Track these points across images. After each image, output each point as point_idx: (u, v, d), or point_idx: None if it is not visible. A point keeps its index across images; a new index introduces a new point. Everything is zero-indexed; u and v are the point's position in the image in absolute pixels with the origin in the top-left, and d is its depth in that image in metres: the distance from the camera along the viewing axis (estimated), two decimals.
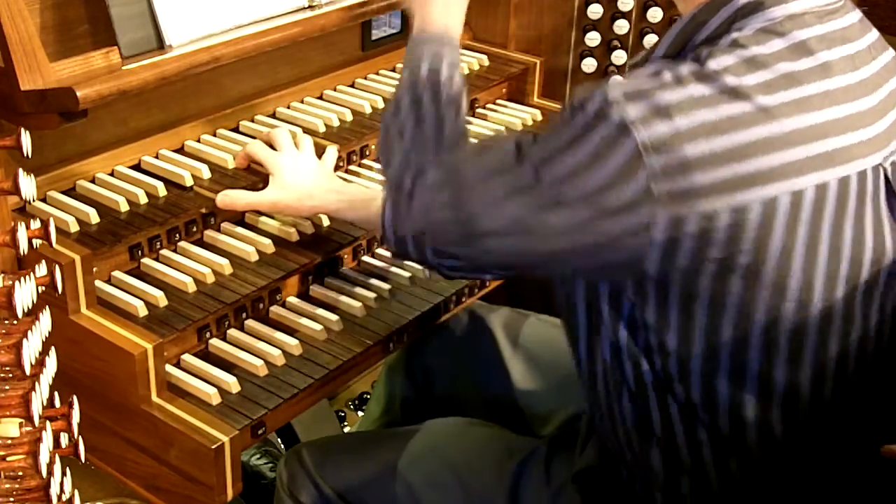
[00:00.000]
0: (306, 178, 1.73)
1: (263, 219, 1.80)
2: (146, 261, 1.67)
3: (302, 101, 2.07)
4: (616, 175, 1.18)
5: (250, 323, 1.67)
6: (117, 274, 1.63)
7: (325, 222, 1.81)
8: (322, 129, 1.98)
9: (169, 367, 1.56)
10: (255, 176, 1.80)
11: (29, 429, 1.11)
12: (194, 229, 1.73)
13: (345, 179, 1.94)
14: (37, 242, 1.17)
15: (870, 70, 1.28)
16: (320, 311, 1.70)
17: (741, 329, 1.25)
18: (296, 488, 1.72)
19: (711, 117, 1.17)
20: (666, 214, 1.18)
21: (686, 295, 1.24)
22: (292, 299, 1.74)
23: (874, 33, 1.34)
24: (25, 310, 1.09)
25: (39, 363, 1.14)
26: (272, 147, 1.80)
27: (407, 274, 1.81)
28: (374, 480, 1.68)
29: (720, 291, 1.23)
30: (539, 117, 2.29)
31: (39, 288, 1.16)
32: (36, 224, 1.16)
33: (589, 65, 2.44)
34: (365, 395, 2.69)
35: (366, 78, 2.19)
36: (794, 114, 1.19)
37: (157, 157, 1.83)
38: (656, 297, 1.27)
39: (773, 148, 1.17)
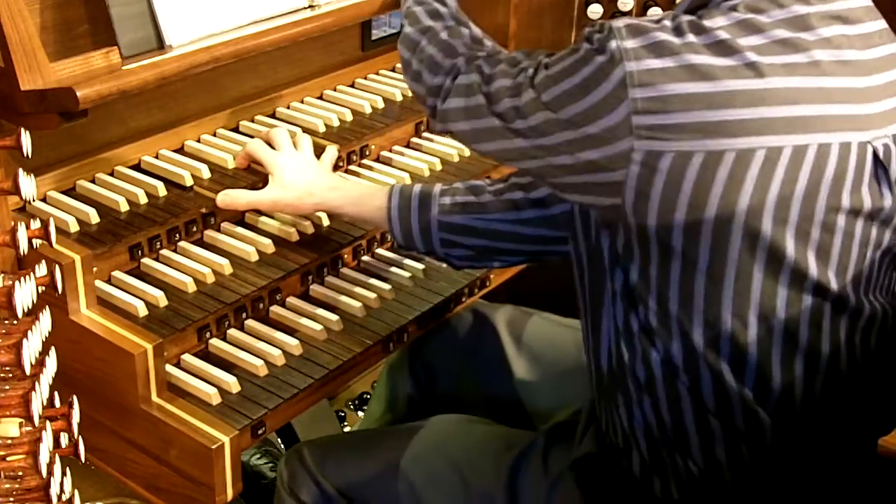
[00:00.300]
0: (306, 177, 1.74)
1: (263, 219, 1.80)
2: (146, 261, 1.67)
3: (302, 101, 2.07)
4: (601, 103, 1.25)
5: (250, 323, 1.67)
6: (117, 274, 1.63)
7: (325, 222, 1.81)
8: (322, 129, 1.98)
9: (169, 367, 1.56)
10: (254, 176, 1.80)
11: (29, 429, 1.11)
12: (194, 229, 1.73)
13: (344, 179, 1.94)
14: (37, 242, 1.17)
15: (874, 53, 1.29)
16: (320, 311, 1.70)
17: (717, 286, 1.27)
18: (297, 487, 1.73)
19: (698, 62, 1.22)
20: (643, 147, 1.23)
21: (663, 249, 1.28)
22: (292, 299, 1.74)
23: (882, 22, 1.34)
24: (25, 310, 1.09)
25: (39, 363, 1.14)
26: (271, 146, 1.80)
27: (407, 274, 1.81)
28: (375, 478, 1.68)
29: (691, 246, 1.26)
30: None
31: (39, 288, 1.16)
32: (36, 224, 1.16)
33: None
34: (365, 395, 2.69)
35: (366, 78, 2.19)
36: (779, 74, 1.23)
37: (157, 157, 1.83)
38: (640, 253, 1.31)
39: (753, 103, 1.21)
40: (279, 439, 2.46)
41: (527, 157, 1.38)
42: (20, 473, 1.11)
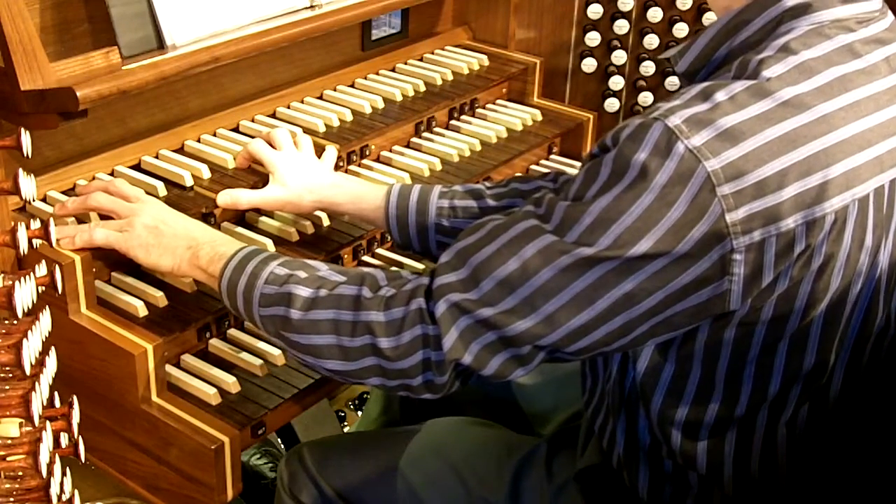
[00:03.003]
0: (306, 175, 1.73)
1: (263, 218, 1.80)
2: None
3: (302, 101, 2.07)
4: (688, 214, 1.12)
5: (250, 323, 1.67)
6: (117, 274, 1.63)
7: (326, 222, 1.81)
8: (322, 129, 1.98)
9: (169, 367, 1.56)
10: (255, 175, 1.80)
11: (29, 429, 1.11)
12: None
13: None
14: (37, 242, 1.17)
15: None
16: None
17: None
18: (296, 488, 1.72)
19: (776, 133, 1.13)
20: (743, 243, 1.13)
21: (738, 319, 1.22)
22: None
23: None
24: (25, 310, 1.09)
25: (39, 363, 1.14)
26: (272, 146, 1.80)
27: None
28: (375, 480, 1.68)
29: (781, 310, 1.22)
30: (539, 117, 2.29)
31: (39, 288, 1.16)
32: (36, 224, 1.16)
33: (589, 65, 2.44)
34: (365, 395, 2.69)
35: (366, 78, 2.19)
36: (850, 120, 1.18)
37: (157, 157, 1.83)
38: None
39: (836, 158, 1.15)
40: (279, 439, 2.46)
41: (599, 328, 1.20)
42: (20, 473, 1.11)
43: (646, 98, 2.44)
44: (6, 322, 1.13)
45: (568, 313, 1.18)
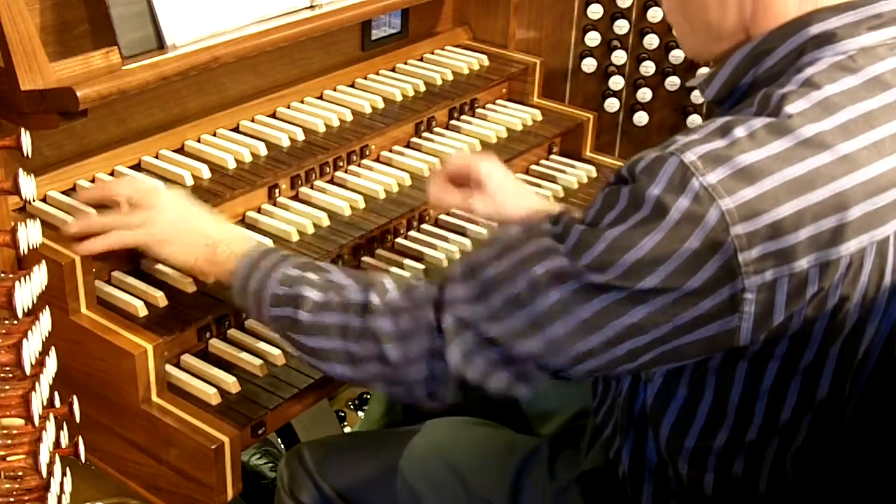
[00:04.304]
0: (512, 196, 1.73)
1: (263, 218, 1.80)
2: (146, 260, 1.67)
3: (302, 101, 2.07)
4: (699, 252, 1.10)
5: (250, 323, 1.67)
6: (117, 274, 1.63)
7: (325, 223, 1.81)
8: (322, 129, 1.98)
9: (169, 367, 1.56)
10: (255, 176, 1.80)
11: (29, 429, 1.11)
12: None
13: (343, 180, 1.94)
14: (35, 243, 1.17)
15: None
16: None
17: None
18: (297, 488, 1.72)
19: (795, 174, 1.10)
20: (755, 283, 1.11)
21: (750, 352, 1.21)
22: None
23: None
24: (25, 310, 1.09)
25: (39, 363, 1.14)
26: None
27: (408, 273, 1.81)
28: (375, 480, 1.68)
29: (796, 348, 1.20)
30: (539, 117, 2.29)
31: (39, 288, 1.16)
32: (36, 224, 1.16)
33: (589, 65, 2.44)
34: (365, 395, 2.69)
35: (366, 78, 2.19)
36: (873, 160, 1.14)
37: (157, 157, 1.83)
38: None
39: (855, 200, 1.13)
40: (279, 439, 2.46)
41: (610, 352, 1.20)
42: (20, 473, 1.11)
43: (645, 96, 2.44)
44: (6, 322, 1.13)
45: (573, 338, 1.17)
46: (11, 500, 1.10)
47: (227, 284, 1.48)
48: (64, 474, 1.18)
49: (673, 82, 2.42)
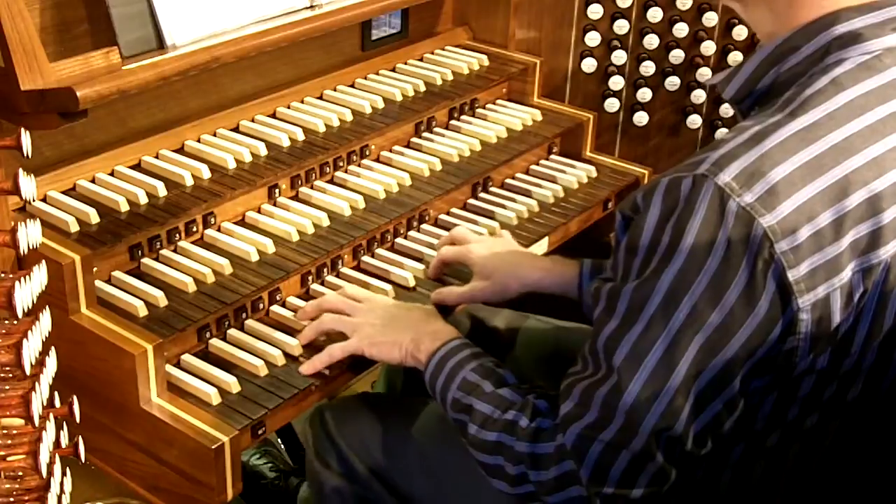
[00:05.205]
0: (509, 267, 1.74)
1: (263, 219, 1.80)
2: (146, 261, 1.67)
3: (302, 101, 2.07)
4: (751, 282, 1.10)
5: (250, 323, 1.67)
6: (117, 274, 1.63)
7: (325, 223, 1.81)
8: (322, 129, 1.98)
9: (169, 367, 1.56)
10: (255, 176, 1.80)
11: (29, 429, 1.11)
12: (194, 229, 1.73)
13: (343, 180, 1.94)
14: (36, 243, 1.17)
15: None
16: None
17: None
18: (322, 451, 1.70)
19: (828, 182, 1.10)
20: (808, 302, 1.12)
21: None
22: (292, 299, 1.74)
23: None
24: (25, 310, 1.09)
25: (39, 363, 1.14)
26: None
27: (408, 274, 1.81)
28: (391, 445, 1.67)
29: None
30: (539, 117, 2.29)
31: (39, 288, 1.16)
32: (36, 224, 1.16)
33: (589, 65, 2.44)
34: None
35: (366, 78, 2.19)
36: None
37: (157, 157, 1.83)
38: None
39: (889, 202, 1.13)
40: (279, 439, 2.46)
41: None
42: (20, 473, 1.11)
43: (645, 96, 2.44)
44: (6, 322, 1.13)
45: (682, 399, 1.16)
46: (11, 500, 1.10)
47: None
48: (64, 474, 1.18)
49: (673, 82, 2.42)
